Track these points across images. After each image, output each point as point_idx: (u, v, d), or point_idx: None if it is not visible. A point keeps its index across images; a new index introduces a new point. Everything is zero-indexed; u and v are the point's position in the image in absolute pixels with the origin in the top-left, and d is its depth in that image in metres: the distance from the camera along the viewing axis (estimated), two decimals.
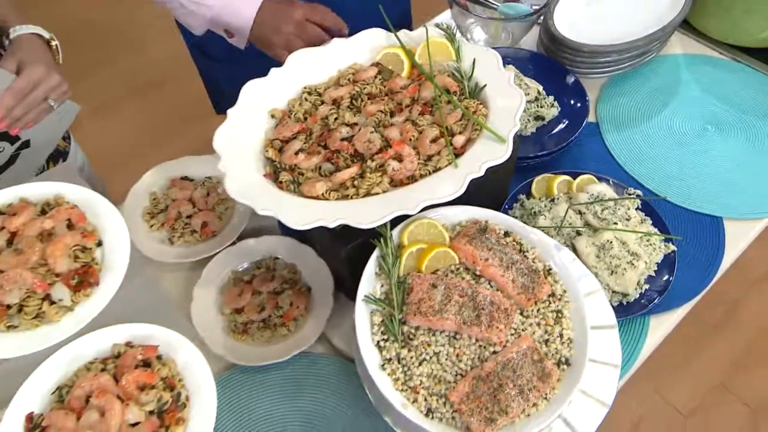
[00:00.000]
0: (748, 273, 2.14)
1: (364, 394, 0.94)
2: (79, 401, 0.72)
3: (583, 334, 0.86)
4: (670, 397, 1.94)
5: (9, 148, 1.02)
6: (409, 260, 0.88)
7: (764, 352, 2.03)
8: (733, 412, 1.93)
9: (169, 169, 1.18)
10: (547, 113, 1.23)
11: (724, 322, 2.07)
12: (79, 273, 0.76)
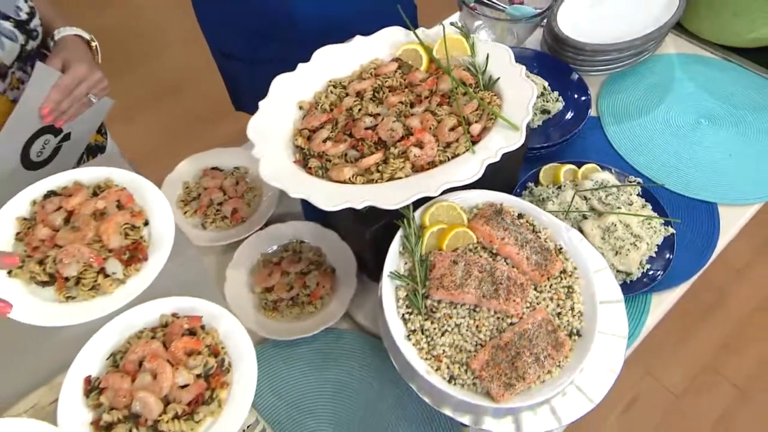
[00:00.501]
0: (733, 263, 2.16)
1: (389, 366, 0.96)
2: (133, 365, 0.74)
3: (593, 308, 0.88)
4: (663, 379, 1.96)
5: (53, 140, 1.04)
6: (430, 239, 0.89)
7: (750, 335, 2.05)
8: (722, 392, 1.94)
9: (200, 159, 1.19)
10: (552, 107, 1.25)
11: (712, 308, 2.08)
12: (130, 249, 0.78)
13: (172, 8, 3.17)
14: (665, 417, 1.90)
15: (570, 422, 0.84)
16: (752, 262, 2.20)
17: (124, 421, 0.71)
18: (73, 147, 1.10)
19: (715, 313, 2.09)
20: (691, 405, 1.92)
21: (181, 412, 0.71)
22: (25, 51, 0.98)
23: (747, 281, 2.16)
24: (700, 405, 1.92)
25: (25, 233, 0.78)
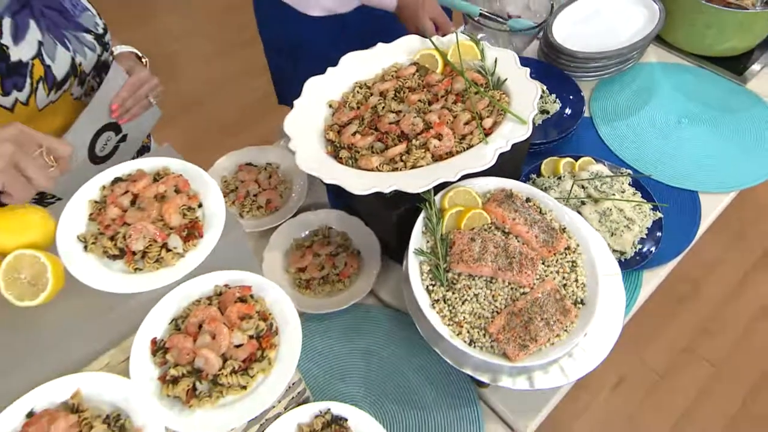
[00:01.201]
0: (704, 256, 2.20)
1: (412, 335, 1.00)
2: (194, 327, 0.77)
3: (594, 280, 0.92)
4: (647, 359, 2.00)
5: (114, 138, 1.07)
6: (449, 220, 0.94)
7: (723, 320, 2.08)
8: (699, 371, 1.98)
9: (235, 156, 1.23)
10: (551, 108, 1.30)
11: (689, 297, 2.12)
12: (188, 227, 0.81)
13: (193, 34, 3.24)
14: (649, 394, 1.93)
15: (576, 379, 0.88)
16: (722, 257, 2.24)
17: (188, 375, 0.74)
18: (128, 148, 1.13)
19: (691, 301, 2.13)
20: (672, 382, 1.96)
21: (237, 368, 0.74)
22: (100, 61, 1.03)
23: (718, 273, 2.20)
24: (680, 382, 1.96)
25: (97, 214, 0.81)
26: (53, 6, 0.96)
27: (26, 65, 0.91)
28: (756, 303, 2.13)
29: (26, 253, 0.75)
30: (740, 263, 2.23)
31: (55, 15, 0.96)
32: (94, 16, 1.03)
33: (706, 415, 1.89)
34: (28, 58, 0.91)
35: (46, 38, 0.94)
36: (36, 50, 0.92)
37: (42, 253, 0.76)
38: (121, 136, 1.09)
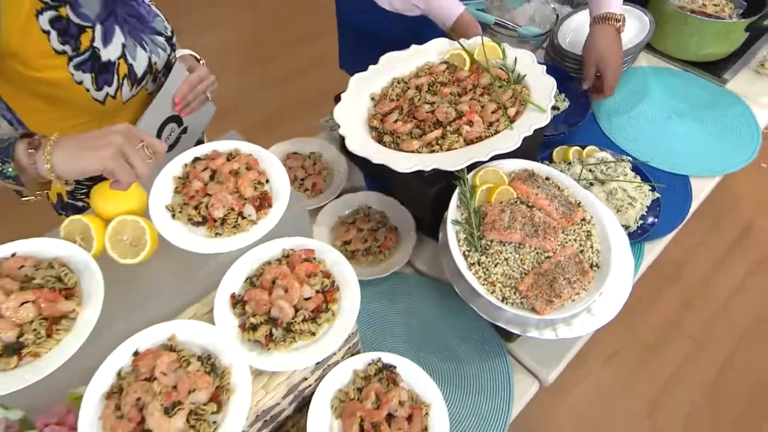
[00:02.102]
0: (686, 241, 2.23)
1: (445, 297, 1.04)
2: (268, 283, 0.80)
3: (607, 247, 0.96)
4: (637, 333, 2.03)
5: (177, 130, 1.11)
6: (480, 195, 0.98)
7: (704, 298, 2.13)
8: (683, 343, 2.02)
9: (282, 146, 1.27)
10: (560, 105, 1.34)
11: (673, 276, 2.16)
12: (259, 198, 0.85)
13: (221, 50, 3.28)
14: (639, 363, 1.97)
15: (594, 330, 0.92)
16: (701, 242, 2.28)
17: (265, 323, 0.78)
18: (188, 140, 1.17)
19: (675, 280, 2.17)
20: (659, 352, 2.00)
21: (307, 317, 0.78)
22: (169, 61, 1.06)
23: (698, 256, 2.25)
24: (667, 352, 2.00)
25: (182, 187, 0.85)
26: (133, 13, 1.00)
27: (114, 64, 0.95)
28: (731, 282, 2.18)
29: (128, 218, 0.79)
30: (717, 247, 2.28)
31: (134, 21, 1.00)
32: (164, 21, 1.08)
33: (689, 379, 1.93)
34: (115, 58, 0.95)
35: (128, 41, 0.98)
36: (120, 51, 0.96)
37: (141, 218, 0.80)
38: (182, 128, 1.13)
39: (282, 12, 3.47)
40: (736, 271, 2.21)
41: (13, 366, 0.68)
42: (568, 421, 1.84)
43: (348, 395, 0.84)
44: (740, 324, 2.07)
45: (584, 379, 1.90)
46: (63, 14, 0.86)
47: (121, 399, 0.70)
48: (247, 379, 0.74)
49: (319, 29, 3.21)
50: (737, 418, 1.85)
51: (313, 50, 3.15)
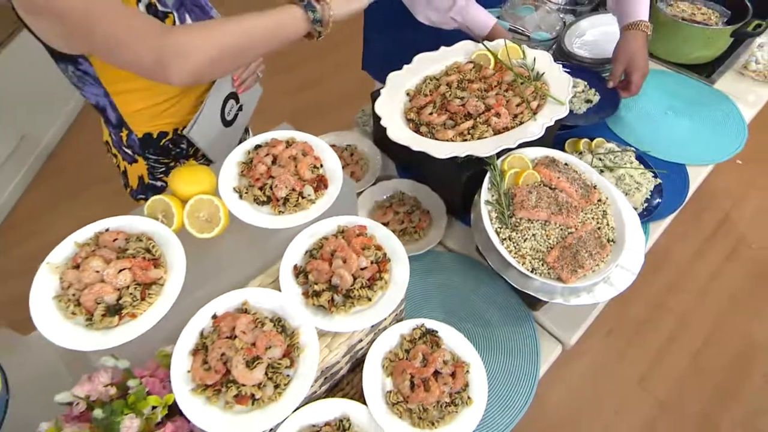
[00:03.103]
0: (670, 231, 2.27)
1: (477, 272, 1.06)
2: (328, 255, 0.82)
3: (621, 225, 0.98)
4: (629, 313, 2.07)
5: (235, 106, 1.12)
6: (509, 179, 1.00)
7: (687, 280, 2.16)
8: (669, 321, 2.05)
9: (323, 139, 1.29)
10: (593, 98, 1.32)
11: (660, 262, 2.19)
12: (316, 180, 0.87)
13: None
14: (631, 339, 2.01)
15: (612, 296, 0.94)
16: (683, 232, 2.31)
17: (327, 290, 0.80)
18: (242, 118, 1.17)
19: (662, 266, 2.20)
20: (649, 329, 2.03)
21: (364, 284, 0.80)
22: None
23: (681, 244, 2.28)
24: (655, 329, 2.03)
25: (247, 171, 0.87)
26: (197, 4, 1.02)
27: None
28: (711, 266, 2.21)
29: (204, 197, 0.81)
30: (698, 236, 2.31)
31: (197, 10, 1.02)
32: (217, 13, 1.09)
33: (676, 352, 1.97)
34: None
35: None
36: None
37: (215, 197, 0.82)
38: (239, 105, 1.14)
39: None
40: (715, 257, 2.25)
41: (115, 324, 0.70)
42: (571, 390, 1.87)
43: (397, 356, 0.87)
44: (719, 303, 2.10)
45: (585, 354, 1.94)
46: (152, 1, 0.88)
47: (208, 354, 0.72)
48: (315, 338, 0.76)
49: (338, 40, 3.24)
50: (721, 382, 1.89)
51: (334, 58, 3.17)
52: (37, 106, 2.43)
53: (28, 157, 2.48)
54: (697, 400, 1.86)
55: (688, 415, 1.82)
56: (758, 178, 2.55)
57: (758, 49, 1.56)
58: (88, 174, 2.54)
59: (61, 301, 0.72)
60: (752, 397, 1.86)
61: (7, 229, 2.36)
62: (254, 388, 0.70)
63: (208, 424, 0.69)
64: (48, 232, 2.28)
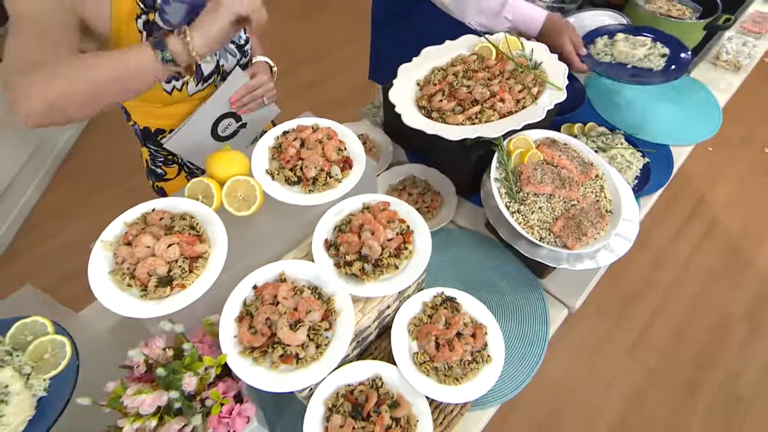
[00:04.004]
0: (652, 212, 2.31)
1: (487, 246, 1.09)
2: (356, 228, 0.85)
3: (617, 197, 1.02)
4: (616, 291, 2.12)
5: (234, 124, 1.11)
6: (515, 159, 1.04)
7: (669, 257, 2.22)
8: (654, 296, 2.11)
9: None
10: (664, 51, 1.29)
11: (644, 241, 2.24)
12: (342, 161, 0.90)
13: None
14: (619, 314, 2.06)
15: (612, 261, 0.97)
16: (662, 214, 2.37)
17: (358, 260, 0.82)
18: (247, 133, 1.17)
19: (645, 245, 2.26)
20: (638, 302, 2.08)
21: (391, 253, 0.83)
22: (240, 64, 1.07)
23: (661, 225, 2.34)
24: (641, 305, 2.08)
25: (277, 154, 0.89)
26: None
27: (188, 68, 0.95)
28: (689, 246, 2.28)
29: (240, 178, 0.83)
30: (676, 218, 2.38)
31: None
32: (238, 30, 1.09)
33: (661, 324, 2.03)
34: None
35: None
36: None
37: (251, 178, 0.84)
38: (241, 123, 1.13)
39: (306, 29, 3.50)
40: (693, 236, 2.32)
41: (167, 295, 0.72)
42: (566, 365, 1.91)
43: (421, 320, 0.89)
44: (698, 278, 2.16)
45: (575, 329, 1.98)
46: (151, 19, 0.88)
47: (254, 319, 0.74)
48: (349, 303, 0.78)
49: (340, 40, 3.27)
50: (702, 349, 1.95)
51: (336, 59, 3.19)
52: None
53: (44, 162, 2.46)
54: (681, 367, 1.91)
55: (673, 380, 1.88)
56: (726, 164, 2.63)
57: (728, 41, 1.62)
58: (100, 177, 2.54)
59: (117, 275, 0.73)
60: (729, 362, 1.93)
61: (29, 229, 2.34)
62: (298, 348, 0.73)
63: (257, 381, 0.71)
64: (66, 232, 2.27)
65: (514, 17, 1.19)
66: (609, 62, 1.27)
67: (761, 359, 1.93)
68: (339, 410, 0.79)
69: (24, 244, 2.29)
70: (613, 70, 1.25)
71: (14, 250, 2.27)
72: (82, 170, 2.60)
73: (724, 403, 1.82)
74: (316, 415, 0.79)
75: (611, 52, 1.28)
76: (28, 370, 0.64)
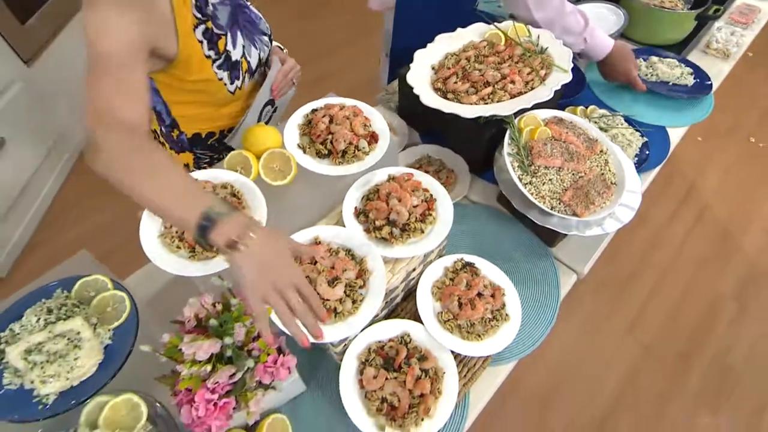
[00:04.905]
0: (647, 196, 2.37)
1: (501, 219, 1.13)
2: (384, 196, 0.89)
3: (621, 171, 1.06)
4: (615, 271, 2.17)
5: (270, 110, 1.14)
6: (525, 135, 1.08)
7: (664, 239, 2.27)
8: (651, 276, 2.16)
9: None
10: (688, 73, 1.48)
11: (640, 224, 2.29)
12: (369, 135, 0.94)
13: None
14: (618, 293, 2.11)
15: (618, 228, 1.02)
16: (658, 197, 2.42)
17: (386, 225, 0.86)
18: (277, 116, 1.20)
19: (641, 228, 2.31)
20: (633, 284, 2.14)
21: (417, 218, 0.87)
22: (269, 54, 1.10)
23: (657, 207, 2.39)
24: (638, 284, 2.14)
25: (308, 130, 0.93)
26: (248, 19, 1.03)
27: (239, 63, 0.98)
28: (684, 227, 2.33)
29: (276, 151, 0.87)
30: (671, 201, 2.43)
31: (248, 25, 1.03)
32: (265, 22, 1.12)
33: (658, 303, 2.08)
34: (239, 57, 0.98)
35: (246, 42, 1.00)
36: (242, 52, 0.98)
37: (286, 150, 0.88)
38: (274, 108, 1.17)
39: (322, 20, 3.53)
40: (687, 218, 2.37)
41: (213, 256, 0.76)
42: (566, 345, 1.96)
43: (444, 283, 0.94)
44: (693, 259, 2.22)
45: (576, 308, 2.03)
46: (209, 27, 0.89)
47: None
48: (380, 263, 0.83)
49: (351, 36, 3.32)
50: (696, 327, 2.01)
51: (336, 60, 3.23)
52: (72, 106, 2.44)
53: (63, 154, 2.48)
54: (676, 343, 1.97)
55: (668, 356, 1.93)
56: (715, 152, 2.69)
57: (717, 31, 1.68)
58: None
59: (166, 238, 0.77)
60: (721, 338, 1.98)
61: (49, 221, 2.37)
62: (336, 302, 0.77)
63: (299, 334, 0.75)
64: (85, 222, 2.30)
65: (591, 39, 1.27)
66: (654, 81, 1.47)
67: (749, 335, 1.99)
68: (371, 364, 0.83)
69: (45, 235, 2.32)
70: (659, 87, 1.44)
71: (36, 242, 2.30)
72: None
73: (716, 375, 1.88)
74: (350, 368, 0.84)
75: (656, 72, 1.48)
76: (95, 321, 0.68)
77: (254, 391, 0.73)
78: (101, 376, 0.65)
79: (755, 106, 2.90)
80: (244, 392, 0.72)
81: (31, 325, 0.66)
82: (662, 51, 1.56)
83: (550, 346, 1.92)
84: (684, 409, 1.79)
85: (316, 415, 0.87)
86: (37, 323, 0.66)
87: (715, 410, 1.79)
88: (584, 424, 1.77)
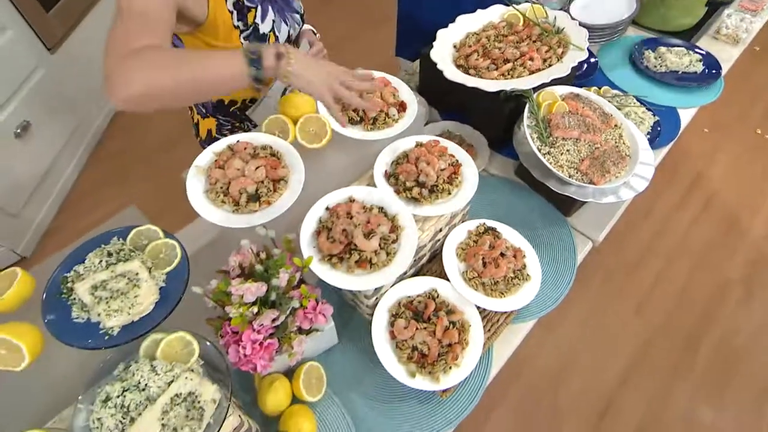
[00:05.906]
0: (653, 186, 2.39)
1: (519, 190, 1.18)
2: (413, 159, 0.93)
3: (634, 144, 1.11)
4: (622, 258, 2.21)
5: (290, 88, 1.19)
6: (544, 109, 1.13)
7: (669, 228, 2.31)
8: (657, 262, 2.20)
9: None
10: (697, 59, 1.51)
11: (646, 213, 2.34)
12: (397, 104, 0.98)
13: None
14: (625, 280, 2.15)
15: (632, 196, 1.06)
16: (664, 187, 2.46)
17: (415, 185, 0.92)
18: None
19: (647, 217, 2.35)
20: (640, 269, 2.18)
21: (445, 180, 0.92)
22: (300, 32, 1.14)
23: (663, 196, 2.43)
24: (644, 270, 2.18)
25: (338, 99, 0.98)
26: None
27: (267, 36, 1.02)
28: (688, 216, 2.37)
29: (312, 116, 0.92)
30: (676, 190, 2.47)
31: (281, 2, 1.08)
32: (299, 1, 1.18)
33: (665, 287, 2.12)
34: (267, 31, 1.02)
35: (276, 18, 1.05)
36: (271, 26, 1.03)
37: (321, 115, 0.93)
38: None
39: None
40: (692, 208, 2.41)
41: (256, 210, 0.81)
42: (576, 327, 2.01)
43: (468, 245, 0.99)
44: (697, 246, 2.26)
45: (585, 293, 2.07)
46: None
47: (332, 230, 0.83)
48: (411, 220, 0.88)
49: (341, 37, 3.37)
50: (703, 309, 2.05)
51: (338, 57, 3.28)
52: (92, 95, 2.50)
53: (81, 142, 2.54)
54: (684, 325, 2.01)
55: (675, 338, 1.97)
56: (722, 143, 2.73)
57: (727, 17, 1.72)
58: (133, 156, 2.63)
59: (211, 194, 0.82)
60: (727, 320, 2.02)
61: (69, 205, 2.43)
62: (372, 254, 0.82)
63: (337, 281, 0.80)
64: (104, 207, 2.36)
65: None
66: (664, 71, 1.50)
67: (757, 317, 2.03)
68: (402, 316, 0.88)
69: (65, 218, 2.38)
70: (668, 77, 1.49)
71: (56, 227, 2.36)
72: (118, 150, 2.69)
73: (724, 354, 1.92)
74: (381, 320, 0.89)
75: (665, 62, 1.51)
76: (150, 264, 0.73)
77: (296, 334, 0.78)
78: (158, 314, 0.70)
79: (762, 99, 2.94)
80: (287, 335, 0.77)
81: (94, 266, 0.71)
82: (670, 40, 1.59)
83: (558, 329, 1.97)
84: (690, 391, 1.84)
85: (345, 365, 0.92)
86: (99, 264, 0.71)
87: (720, 392, 1.83)
88: (591, 402, 1.82)
